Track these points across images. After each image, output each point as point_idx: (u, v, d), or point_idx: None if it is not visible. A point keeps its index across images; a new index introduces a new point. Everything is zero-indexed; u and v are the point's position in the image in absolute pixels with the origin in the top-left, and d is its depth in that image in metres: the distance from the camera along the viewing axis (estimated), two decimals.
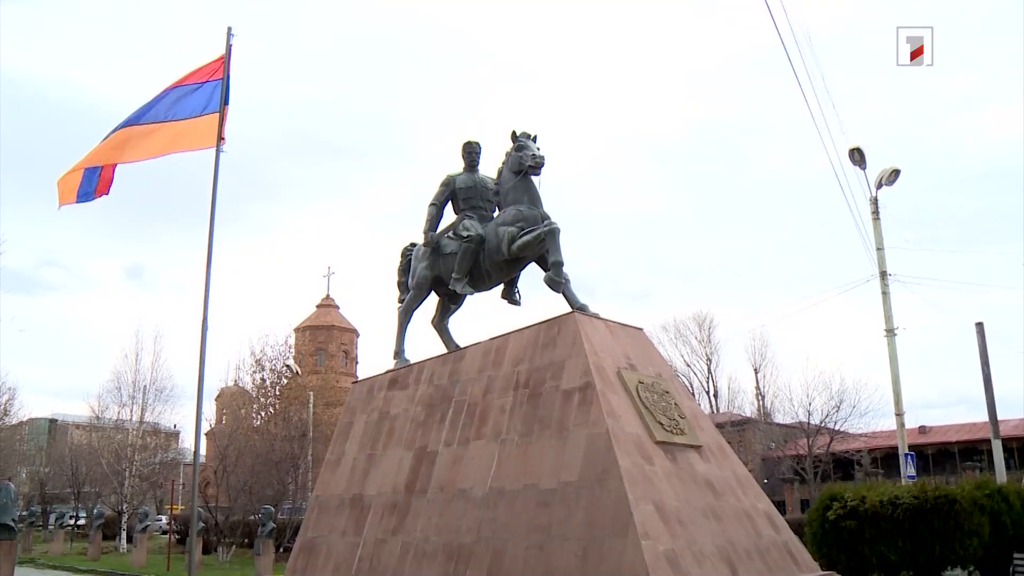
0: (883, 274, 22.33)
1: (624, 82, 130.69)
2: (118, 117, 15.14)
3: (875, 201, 22.74)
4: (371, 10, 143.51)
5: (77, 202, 14.72)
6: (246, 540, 36.03)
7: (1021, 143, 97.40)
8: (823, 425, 43.59)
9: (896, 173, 22.55)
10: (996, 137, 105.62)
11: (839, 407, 42.94)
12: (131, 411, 44.74)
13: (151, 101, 14.68)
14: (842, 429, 44.26)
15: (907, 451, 21.69)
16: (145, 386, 44.68)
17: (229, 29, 14.80)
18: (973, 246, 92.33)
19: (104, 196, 14.80)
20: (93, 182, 14.67)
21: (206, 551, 34.64)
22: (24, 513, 41.56)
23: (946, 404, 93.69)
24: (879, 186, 22.64)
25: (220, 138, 14.13)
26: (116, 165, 14.70)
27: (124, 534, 42.49)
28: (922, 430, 51.08)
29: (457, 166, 12.62)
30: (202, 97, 14.50)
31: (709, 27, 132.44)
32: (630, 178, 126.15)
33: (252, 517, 34.96)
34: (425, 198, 12.55)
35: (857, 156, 22.42)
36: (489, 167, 12.38)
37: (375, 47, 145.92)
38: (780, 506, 36.91)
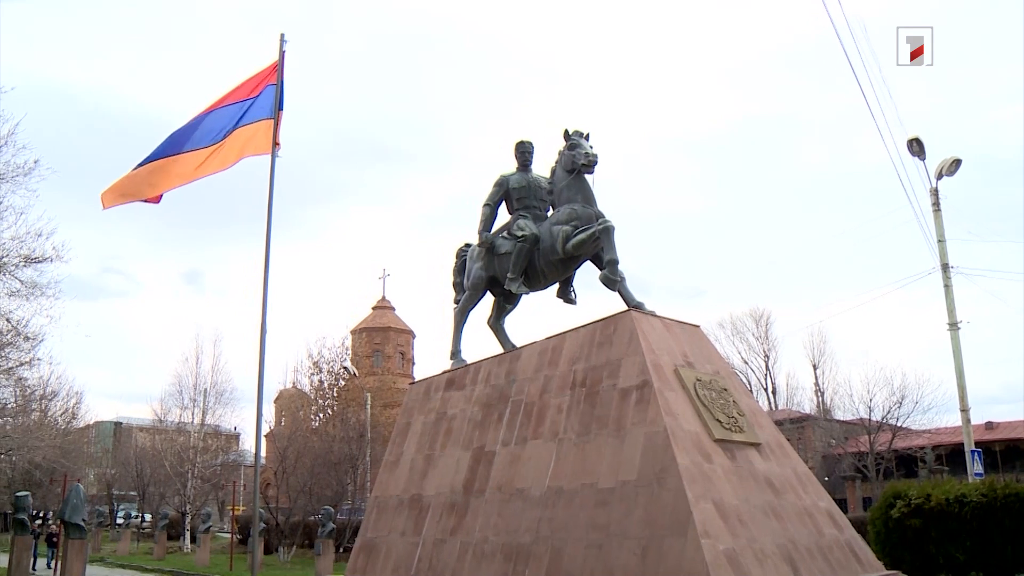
0: (945, 267, 21.87)
1: (658, 80, 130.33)
2: (170, 126, 15.20)
3: (936, 192, 22.28)
4: (401, 12, 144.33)
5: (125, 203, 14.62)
6: (306, 540, 36.44)
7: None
8: (885, 421, 42.89)
9: (957, 163, 22.06)
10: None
11: (901, 403, 42.27)
12: (192, 414, 45.62)
13: (199, 120, 14.70)
14: (904, 425, 43.50)
15: (973, 448, 21.20)
16: (205, 389, 45.51)
17: (282, 36, 14.93)
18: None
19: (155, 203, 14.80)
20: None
21: (267, 551, 35.15)
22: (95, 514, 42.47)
23: (1014, 399, 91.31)
24: (939, 177, 22.17)
25: (275, 143, 14.27)
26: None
27: (188, 534, 43.25)
28: (989, 426, 49.90)
29: (499, 166, 12.63)
30: (256, 106, 14.64)
31: (741, 24, 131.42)
32: (666, 176, 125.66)
33: (312, 518, 35.31)
34: (473, 198, 12.58)
35: (916, 147, 21.98)
36: (541, 166, 12.39)
37: (406, 49, 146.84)
38: (841, 504, 36.28)
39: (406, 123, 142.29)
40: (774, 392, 53.36)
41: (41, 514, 48.20)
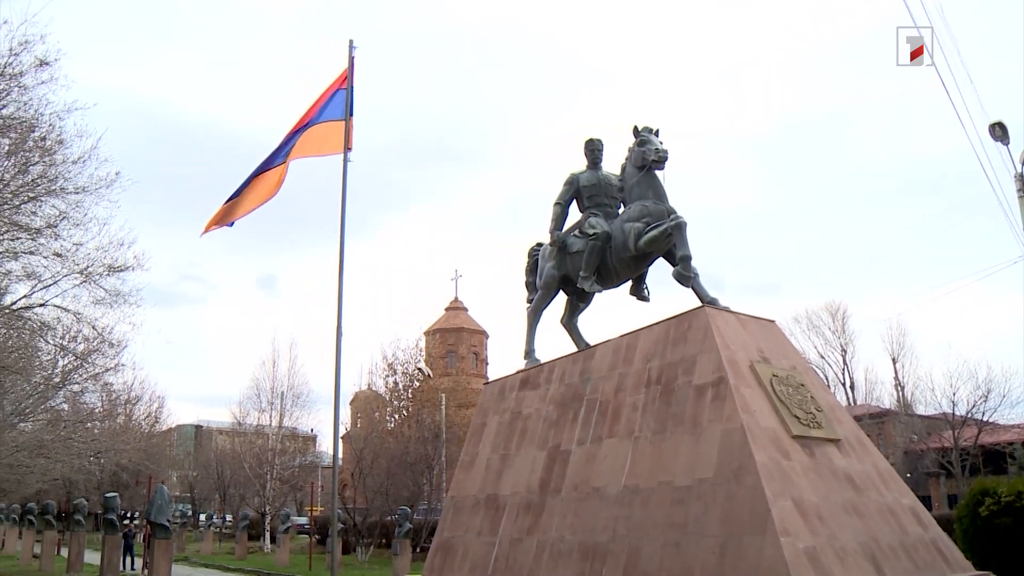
0: None
1: (720, 75, 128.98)
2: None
3: (1020, 178, 21.56)
4: (456, 16, 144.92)
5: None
6: (383, 540, 36.83)
7: None
8: (969, 416, 41.71)
9: None
10: None
11: (987, 397, 41.02)
12: (270, 416, 46.44)
13: (286, 140, 15.03)
14: (991, 420, 42.27)
15: None
16: (282, 392, 46.30)
17: (351, 42, 15.18)
18: None
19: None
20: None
21: (345, 551, 35.61)
22: (176, 514, 43.53)
23: None
24: None
25: (347, 147, 14.46)
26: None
27: (268, 534, 44.02)
28: None
29: (574, 165, 12.59)
30: (328, 107, 14.87)
31: (795, 18, 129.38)
32: (739, 170, 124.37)
33: (389, 518, 35.68)
34: (544, 198, 12.57)
35: (999, 131, 21.30)
36: (612, 164, 12.33)
37: (462, 52, 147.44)
38: (925, 501, 35.36)
39: (479, 124, 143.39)
40: (852, 387, 52.10)
41: (129, 515, 49.56)
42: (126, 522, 43.15)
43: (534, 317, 12.96)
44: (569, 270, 12.25)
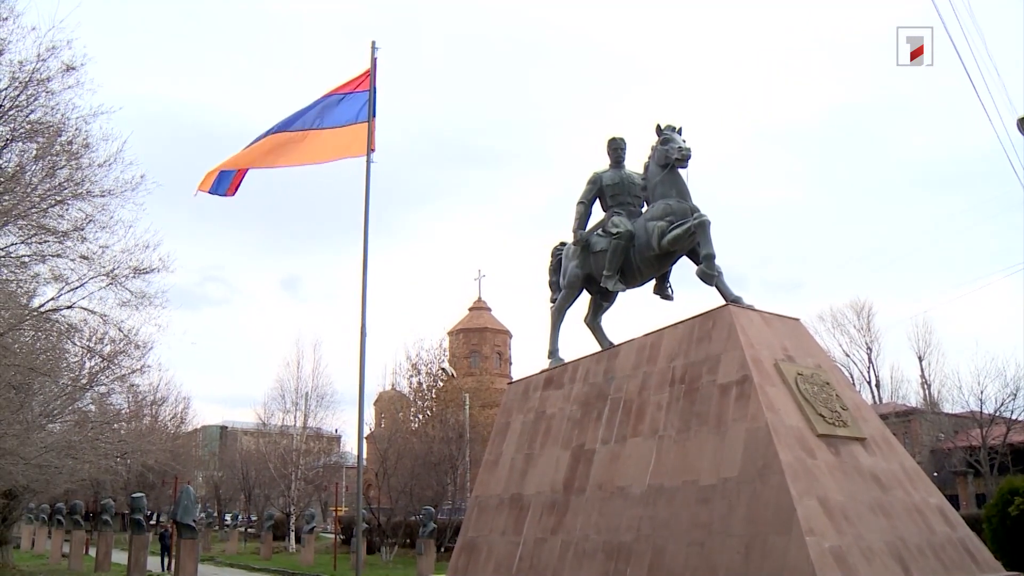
0: None
1: (754, 72, 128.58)
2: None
3: None
4: (497, 17, 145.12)
5: (210, 192, 15.19)
6: (408, 540, 36.91)
7: None
8: (998, 414, 41.27)
9: None
10: None
11: (1015, 395, 40.52)
12: (295, 417, 46.65)
13: (300, 111, 15.13)
14: (1020, 418, 41.81)
15: None
16: (307, 393, 46.48)
17: (373, 43, 15.20)
18: None
19: (231, 196, 15.30)
20: (225, 183, 15.19)
21: (370, 551, 35.72)
22: (203, 514, 43.80)
23: None
24: None
25: (370, 149, 14.52)
26: (248, 169, 15.20)
27: (292, 535, 44.23)
28: None
29: (596, 165, 12.59)
30: (350, 107, 14.93)
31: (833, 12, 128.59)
32: (762, 167, 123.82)
33: (413, 518, 35.76)
34: (567, 198, 12.58)
35: None
36: (635, 162, 12.32)
37: (501, 51, 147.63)
38: (953, 500, 35.00)
39: (502, 125, 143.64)
40: (878, 385, 51.73)
41: (156, 515, 49.94)
42: (163, 522, 43.57)
43: (558, 316, 12.96)
44: (593, 269, 12.24)
